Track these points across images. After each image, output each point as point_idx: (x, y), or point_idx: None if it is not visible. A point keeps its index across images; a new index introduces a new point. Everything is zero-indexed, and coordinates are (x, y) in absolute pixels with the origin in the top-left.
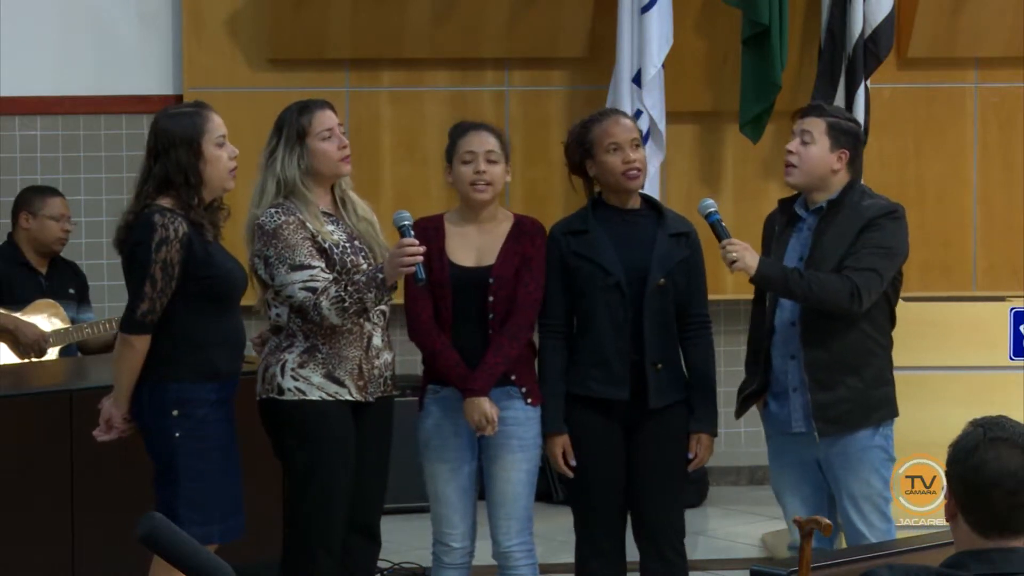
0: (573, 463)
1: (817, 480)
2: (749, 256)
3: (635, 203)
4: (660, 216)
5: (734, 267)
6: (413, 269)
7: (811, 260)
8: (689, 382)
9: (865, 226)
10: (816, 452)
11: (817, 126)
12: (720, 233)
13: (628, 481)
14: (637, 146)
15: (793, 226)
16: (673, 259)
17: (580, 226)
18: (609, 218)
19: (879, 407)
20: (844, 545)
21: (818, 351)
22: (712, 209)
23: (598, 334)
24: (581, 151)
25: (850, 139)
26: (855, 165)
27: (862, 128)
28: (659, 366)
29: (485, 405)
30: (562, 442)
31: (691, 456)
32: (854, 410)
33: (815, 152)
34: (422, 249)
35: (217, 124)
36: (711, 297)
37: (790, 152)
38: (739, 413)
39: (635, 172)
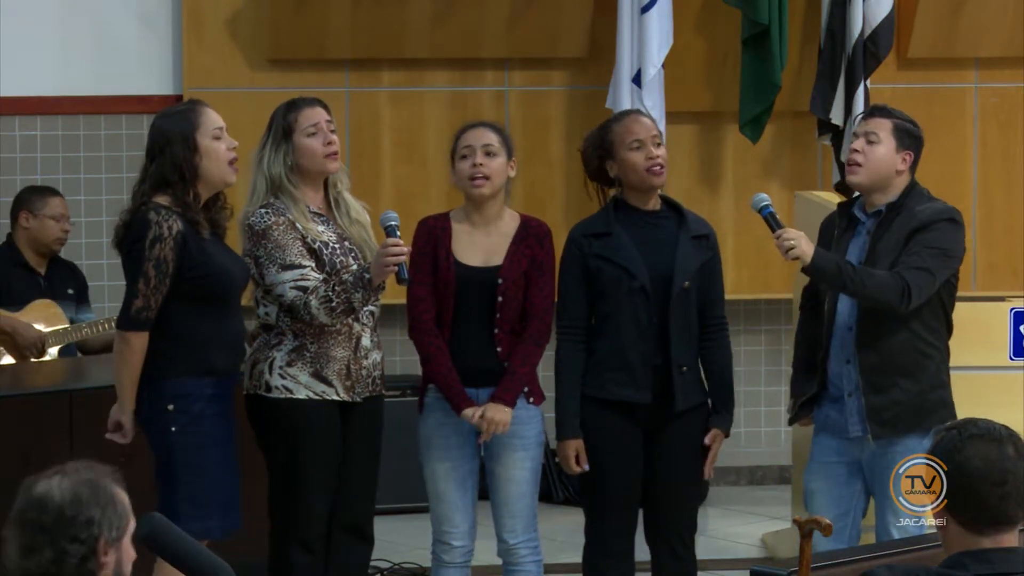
0: (586, 468)
1: (854, 483)
2: (805, 243)
3: (655, 204)
4: (681, 218)
5: (790, 255)
6: (397, 269)
7: (867, 263)
8: (708, 384)
9: (918, 228)
10: (862, 455)
11: (883, 126)
12: (774, 225)
13: (645, 482)
14: (659, 144)
15: (852, 229)
16: (696, 262)
17: (602, 228)
18: (631, 220)
19: (935, 410)
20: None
21: (871, 354)
22: (766, 203)
23: (620, 337)
24: (600, 152)
25: (914, 141)
26: (915, 169)
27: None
28: (684, 369)
29: (508, 417)
30: (576, 446)
31: (707, 442)
32: (907, 413)
33: (881, 151)
34: (406, 249)
35: (212, 118)
36: (729, 297)
37: (855, 151)
38: (793, 420)
39: (659, 168)
